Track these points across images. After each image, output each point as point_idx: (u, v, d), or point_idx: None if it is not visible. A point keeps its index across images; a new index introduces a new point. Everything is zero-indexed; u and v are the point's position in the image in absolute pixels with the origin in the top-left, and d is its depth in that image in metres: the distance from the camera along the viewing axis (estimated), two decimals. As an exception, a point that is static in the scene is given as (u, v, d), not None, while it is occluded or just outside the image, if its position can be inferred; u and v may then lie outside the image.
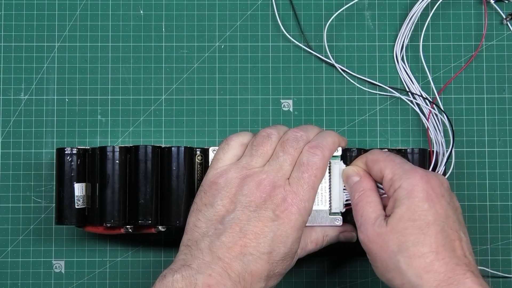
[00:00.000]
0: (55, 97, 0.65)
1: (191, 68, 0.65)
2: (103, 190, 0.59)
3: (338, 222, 0.59)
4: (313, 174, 0.55)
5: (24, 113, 0.65)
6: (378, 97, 0.65)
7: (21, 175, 0.65)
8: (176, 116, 0.65)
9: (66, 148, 0.60)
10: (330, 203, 0.59)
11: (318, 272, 0.65)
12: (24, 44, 0.65)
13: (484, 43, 0.65)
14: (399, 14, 0.66)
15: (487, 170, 0.64)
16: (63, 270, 0.64)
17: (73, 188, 0.60)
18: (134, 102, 0.65)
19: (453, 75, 0.65)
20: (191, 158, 0.60)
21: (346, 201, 0.59)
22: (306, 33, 0.66)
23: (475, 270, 0.52)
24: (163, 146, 0.60)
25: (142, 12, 0.66)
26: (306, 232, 0.58)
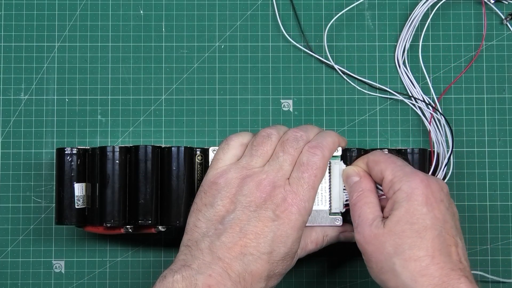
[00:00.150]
0: (55, 97, 0.65)
1: (191, 68, 0.65)
2: (103, 190, 0.59)
3: (338, 222, 0.59)
4: (313, 174, 0.55)
5: (24, 113, 0.65)
6: (378, 97, 0.65)
7: (21, 175, 0.65)
8: (176, 116, 0.65)
9: (66, 148, 0.60)
10: (330, 203, 0.59)
11: (318, 272, 0.65)
12: (24, 44, 0.65)
13: (484, 44, 0.65)
14: (399, 14, 0.66)
15: (487, 170, 0.64)
16: (63, 270, 0.64)
17: (73, 188, 0.60)
18: (134, 102, 0.65)
19: (453, 75, 0.65)
20: (191, 158, 0.60)
21: (346, 201, 0.59)
22: (306, 33, 0.66)
23: (470, 275, 0.52)
24: (163, 146, 0.60)
25: (142, 12, 0.66)
26: (306, 232, 0.58)
